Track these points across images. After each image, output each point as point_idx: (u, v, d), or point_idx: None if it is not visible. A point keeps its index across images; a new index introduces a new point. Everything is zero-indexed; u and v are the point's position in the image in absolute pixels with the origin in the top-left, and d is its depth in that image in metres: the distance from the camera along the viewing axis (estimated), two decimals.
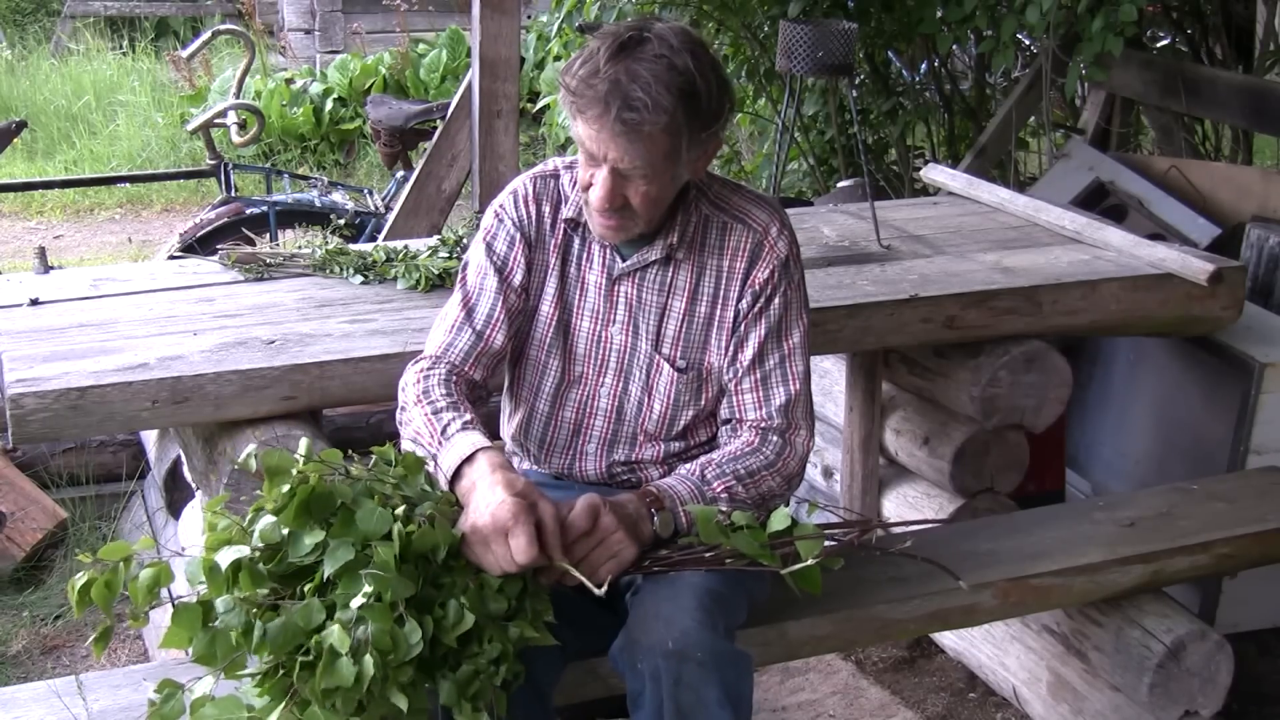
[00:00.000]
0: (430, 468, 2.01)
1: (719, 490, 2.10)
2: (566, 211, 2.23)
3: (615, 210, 2.09)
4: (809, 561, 1.99)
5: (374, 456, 1.95)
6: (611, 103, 1.97)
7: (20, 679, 3.10)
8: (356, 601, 1.75)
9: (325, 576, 1.79)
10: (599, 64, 2.00)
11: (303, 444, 1.89)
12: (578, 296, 2.24)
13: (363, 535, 1.80)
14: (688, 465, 2.16)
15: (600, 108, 1.99)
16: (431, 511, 1.87)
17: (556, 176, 2.26)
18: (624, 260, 2.22)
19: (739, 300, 2.22)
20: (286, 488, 1.81)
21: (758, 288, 2.21)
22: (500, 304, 2.22)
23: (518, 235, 2.24)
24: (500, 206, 2.27)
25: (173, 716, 1.76)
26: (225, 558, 1.78)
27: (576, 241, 2.24)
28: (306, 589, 1.79)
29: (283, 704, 1.73)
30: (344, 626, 1.73)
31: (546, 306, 2.25)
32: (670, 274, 2.22)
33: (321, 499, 1.82)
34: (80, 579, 1.81)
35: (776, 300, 2.21)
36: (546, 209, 2.24)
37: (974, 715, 3.07)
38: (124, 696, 2.14)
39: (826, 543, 2.05)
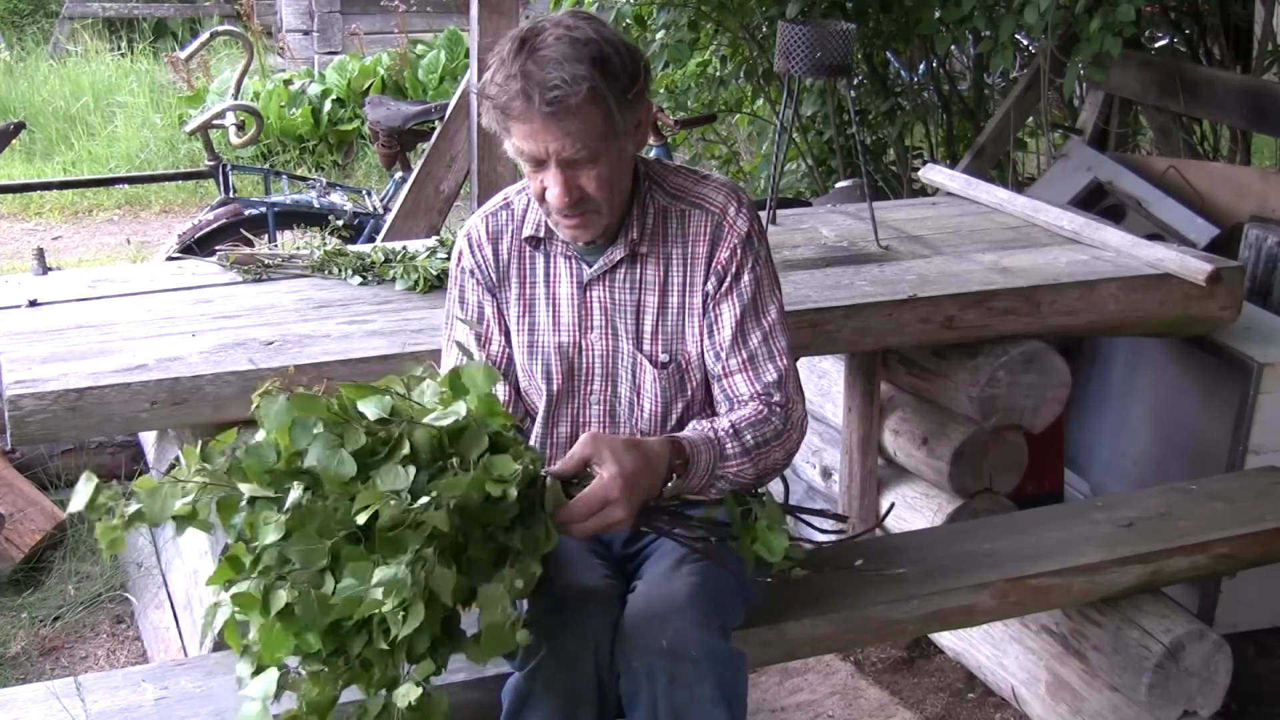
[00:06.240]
0: None
1: (731, 470, 2.11)
2: (526, 231, 2.23)
3: (576, 206, 2.08)
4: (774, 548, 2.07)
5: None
6: (531, 92, 1.98)
7: (19, 680, 3.09)
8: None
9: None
10: (508, 67, 2.01)
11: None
12: (552, 314, 2.24)
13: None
14: (721, 424, 2.14)
15: (523, 100, 1.99)
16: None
17: (507, 204, 2.27)
18: (591, 266, 2.21)
19: (705, 283, 2.21)
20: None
21: (721, 268, 2.20)
22: (487, 352, 2.25)
23: (479, 283, 2.25)
24: (459, 254, 2.28)
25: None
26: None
27: (541, 259, 2.24)
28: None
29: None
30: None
31: (525, 335, 2.25)
32: (639, 270, 2.21)
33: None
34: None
35: (745, 278, 2.20)
36: (503, 245, 2.24)
37: (973, 715, 3.06)
38: (123, 698, 2.14)
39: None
